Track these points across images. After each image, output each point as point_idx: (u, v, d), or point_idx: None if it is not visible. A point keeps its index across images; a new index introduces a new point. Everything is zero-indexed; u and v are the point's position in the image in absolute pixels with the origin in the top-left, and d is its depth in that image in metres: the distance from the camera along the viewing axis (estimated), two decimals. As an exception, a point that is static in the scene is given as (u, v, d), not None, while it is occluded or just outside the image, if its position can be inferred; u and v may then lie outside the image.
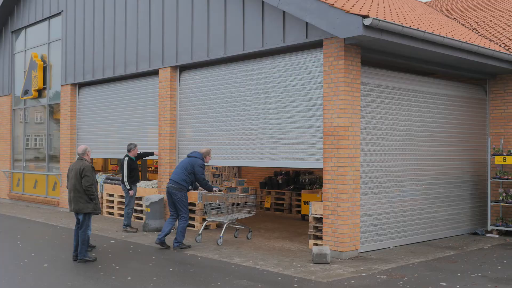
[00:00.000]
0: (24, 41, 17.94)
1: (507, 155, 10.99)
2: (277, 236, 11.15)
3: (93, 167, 8.82)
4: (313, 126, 9.35)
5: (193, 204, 12.01)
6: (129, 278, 7.55)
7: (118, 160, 18.12)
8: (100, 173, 16.08)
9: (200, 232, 10.50)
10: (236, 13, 10.67)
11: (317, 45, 9.34)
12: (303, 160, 9.55)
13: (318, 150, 9.24)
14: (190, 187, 9.95)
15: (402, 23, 8.62)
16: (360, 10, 8.52)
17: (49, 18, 16.59)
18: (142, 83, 13.25)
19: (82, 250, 8.65)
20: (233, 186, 15.73)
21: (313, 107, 9.37)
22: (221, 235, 10.08)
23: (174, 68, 12.18)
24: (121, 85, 13.95)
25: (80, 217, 8.71)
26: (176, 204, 9.73)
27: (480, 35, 12.34)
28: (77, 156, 8.99)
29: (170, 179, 9.87)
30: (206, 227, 12.02)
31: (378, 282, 7.29)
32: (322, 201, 9.38)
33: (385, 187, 9.75)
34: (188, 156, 10.06)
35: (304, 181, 14.69)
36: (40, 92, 17.06)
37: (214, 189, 10.21)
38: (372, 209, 9.43)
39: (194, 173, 9.79)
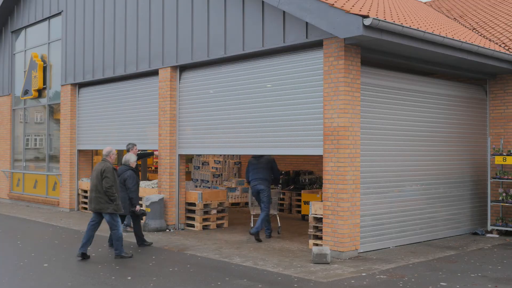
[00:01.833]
0: (24, 41, 17.94)
1: (507, 155, 10.99)
2: (277, 236, 11.14)
3: (114, 169, 8.97)
4: (313, 124, 9.34)
5: (193, 205, 12.01)
6: (129, 278, 7.55)
7: (118, 160, 18.14)
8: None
9: (279, 225, 11.57)
10: (236, 13, 10.67)
11: (317, 45, 9.34)
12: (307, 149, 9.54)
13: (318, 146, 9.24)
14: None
15: (402, 23, 8.62)
16: (360, 10, 8.52)
17: (49, 18, 16.59)
18: (142, 83, 13.25)
19: (118, 246, 8.89)
20: (233, 186, 15.74)
21: (313, 106, 9.36)
22: (279, 225, 11.56)
23: (174, 68, 12.18)
24: (121, 85, 13.94)
25: (106, 217, 8.88)
26: (264, 199, 10.82)
27: (480, 35, 12.34)
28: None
29: (255, 179, 10.90)
30: (206, 227, 12.05)
31: (378, 282, 7.29)
32: (322, 201, 9.38)
33: (385, 187, 9.75)
34: (255, 156, 11.14)
35: (304, 181, 14.69)
36: (40, 92, 17.06)
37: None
38: (372, 209, 9.43)
39: (272, 170, 11.20)
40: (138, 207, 9.84)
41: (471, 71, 11.45)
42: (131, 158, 9.90)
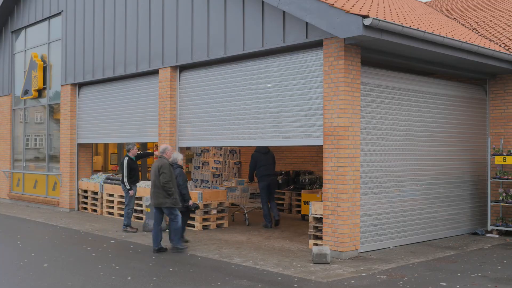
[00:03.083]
0: (24, 41, 17.94)
1: (507, 155, 10.99)
2: (277, 236, 11.15)
3: (171, 165, 9.50)
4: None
5: (193, 204, 12.02)
6: (129, 278, 7.55)
7: (118, 160, 18.14)
8: (100, 173, 16.08)
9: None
10: (236, 13, 10.67)
11: (317, 45, 9.34)
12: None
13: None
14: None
15: (402, 23, 8.62)
16: (360, 10, 8.52)
17: (49, 18, 16.59)
18: (142, 83, 13.25)
19: (175, 238, 9.35)
20: (233, 186, 15.70)
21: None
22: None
23: (174, 68, 12.17)
24: (121, 85, 13.94)
25: (165, 211, 9.37)
26: (273, 191, 12.43)
27: (480, 35, 12.34)
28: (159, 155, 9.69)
29: (267, 175, 12.21)
30: (206, 227, 12.04)
31: (378, 282, 7.29)
32: (322, 201, 9.39)
33: (385, 187, 9.75)
34: (262, 151, 12.34)
35: (304, 181, 14.69)
36: (40, 92, 17.06)
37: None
38: (372, 209, 9.43)
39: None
40: (191, 202, 10.08)
41: (471, 71, 11.45)
42: (178, 156, 10.09)
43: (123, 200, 13.39)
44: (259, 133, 10.35)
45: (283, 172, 15.63)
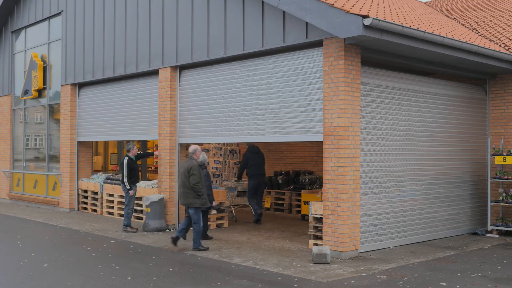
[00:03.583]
0: (24, 41, 17.94)
1: (507, 155, 10.99)
2: (277, 236, 11.15)
3: (200, 166, 9.76)
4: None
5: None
6: (129, 278, 7.55)
7: (118, 160, 18.14)
8: (100, 173, 16.08)
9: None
10: (236, 13, 10.67)
11: (317, 45, 9.33)
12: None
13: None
14: None
15: (402, 23, 8.62)
16: (360, 10, 8.52)
17: (49, 18, 16.59)
18: (142, 83, 13.25)
19: (197, 239, 9.50)
20: (233, 186, 15.74)
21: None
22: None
23: (174, 68, 12.17)
24: (121, 85, 13.94)
25: (191, 211, 9.53)
26: (261, 190, 13.02)
27: (480, 35, 12.34)
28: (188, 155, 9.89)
29: (257, 174, 12.79)
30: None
31: (378, 282, 7.29)
32: (322, 201, 9.38)
33: (385, 187, 9.75)
34: (253, 151, 12.90)
35: (304, 181, 14.68)
36: (40, 92, 17.06)
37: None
38: (372, 209, 9.43)
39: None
40: (214, 203, 10.57)
41: (471, 71, 11.45)
42: (206, 158, 10.53)
43: (123, 200, 13.38)
44: (259, 130, 10.34)
45: (283, 172, 15.63)
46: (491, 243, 10.36)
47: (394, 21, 8.50)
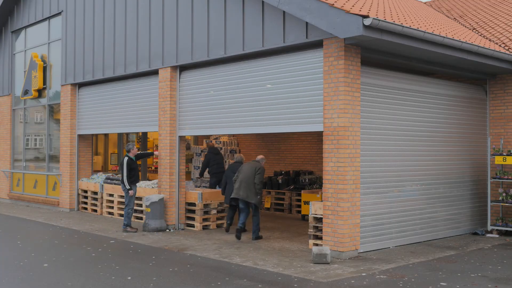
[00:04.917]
0: (24, 41, 17.94)
1: (507, 155, 10.99)
2: (277, 236, 11.15)
3: (264, 170, 10.88)
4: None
5: (193, 205, 12.02)
6: (129, 278, 7.55)
7: (118, 160, 18.14)
8: (100, 173, 16.08)
9: None
10: (236, 13, 10.67)
11: (317, 45, 9.33)
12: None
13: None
14: None
15: (402, 23, 8.62)
16: (360, 10, 8.52)
17: (49, 18, 16.59)
18: (142, 83, 13.25)
19: (256, 231, 10.61)
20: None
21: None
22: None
23: (174, 68, 12.17)
24: (121, 85, 13.94)
25: (242, 205, 10.69)
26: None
27: (480, 35, 12.34)
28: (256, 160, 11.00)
29: (218, 172, 13.89)
30: (206, 227, 12.05)
31: (378, 282, 7.29)
32: (322, 201, 9.38)
33: (385, 187, 9.75)
34: (214, 152, 14.09)
35: (304, 181, 14.68)
36: (40, 92, 17.06)
37: None
38: (372, 209, 9.43)
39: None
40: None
41: (471, 71, 11.45)
42: (242, 157, 11.94)
43: (123, 200, 13.39)
44: (260, 124, 10.36)
45: (283, 172, 15.63)
46: (491, 243, 10.36)
47: (394, 21, 8.50)
